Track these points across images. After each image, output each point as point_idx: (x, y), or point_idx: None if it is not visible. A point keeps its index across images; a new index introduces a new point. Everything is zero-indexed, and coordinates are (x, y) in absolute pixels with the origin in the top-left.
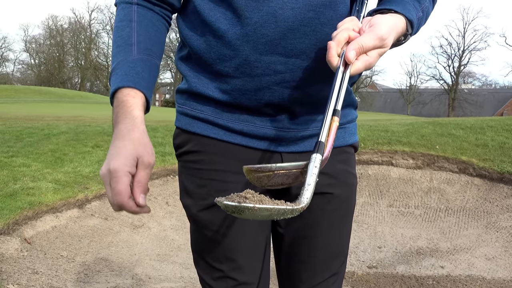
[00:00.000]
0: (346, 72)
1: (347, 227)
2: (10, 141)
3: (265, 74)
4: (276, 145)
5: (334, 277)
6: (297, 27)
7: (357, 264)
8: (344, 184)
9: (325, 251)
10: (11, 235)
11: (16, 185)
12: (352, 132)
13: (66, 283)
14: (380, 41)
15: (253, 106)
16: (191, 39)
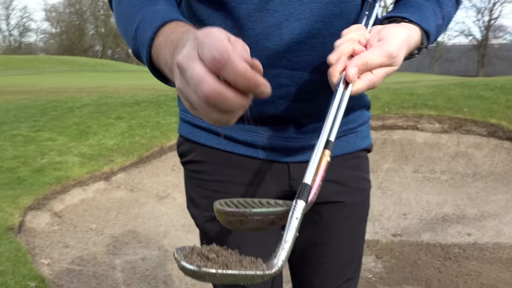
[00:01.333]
0: (346, 92)
1: (360, 232)
2: (35, 115)
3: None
4: (283, 156)
5: (348, 282)
6: (303, 39)
7: (381, 232)
8: (356, 190)
9: (337, 258)
10: (41, 210)
11: (44, 160)
12: (365, 135)
13: (96, 256)
14: (389, 59)
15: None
16: None
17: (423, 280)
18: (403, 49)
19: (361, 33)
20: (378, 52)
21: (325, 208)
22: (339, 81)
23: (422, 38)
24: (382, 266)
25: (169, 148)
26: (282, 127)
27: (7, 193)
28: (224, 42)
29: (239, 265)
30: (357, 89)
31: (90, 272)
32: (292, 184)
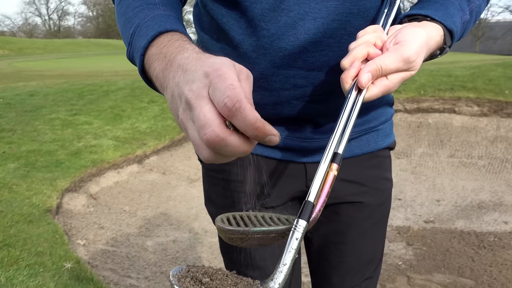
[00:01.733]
0: (359, 98)
1: (380, 233)
2: (73, 99)
3: (284, 89)
4: (299, 156)
5: (367, 281)
6: (319, 39)
7: (413, 218)
8: (376, 191)
9: (356, 258)
10: (78, 192)
11: (80, 143)
12: (387, 133)
13: (129, 237)
14: (406, 64)
15: (273, 118)
16: (207, 43)
17: (455, 268)
18: (422, 53)
19: (377, 35)
20: (394, 57)
21: (344, 208)
22: (351, 88)
23: (445, 37)
24: (413, 253)
25: None
26: (299, 128)
27: (45, 175)
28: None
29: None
30: (370, 95)
31: (123, 253)
32: (309, 185)
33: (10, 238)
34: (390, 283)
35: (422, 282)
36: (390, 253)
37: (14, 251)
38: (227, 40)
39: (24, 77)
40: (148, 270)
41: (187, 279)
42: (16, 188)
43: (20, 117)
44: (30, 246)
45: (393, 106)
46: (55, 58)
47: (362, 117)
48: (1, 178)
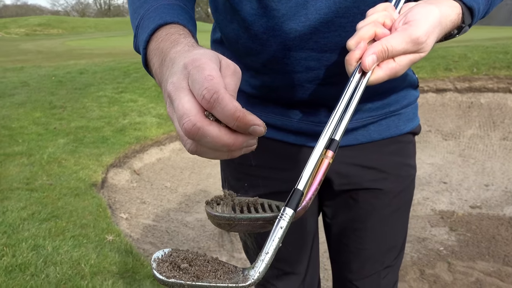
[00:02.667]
0: (362, 82)
1: (401, 220)
2: (119, 77)
3: (296, 71)
4: (313, 140)
5: (387, 269)
6: (331, 19)
7: (458, 203)
8: (397, 177)
9: (376, 245)
10: (122, 167)
11: (125, 120)
12: (410, 117)
13: (169, 213)
14: (414, 45)
15: (286, 102)
16: (220, 25)
17: (500, 257)
18: (434, 33)
19: (387, 13)
20: (402, 37)
21: (362, 194)
22: (354, 70)
23: (463, 16)
24: (456, 239)
25: None
26: (313, 111)
27: (92, 151)
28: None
29: (212, 275)
30: (375, 79)
31: (163, 227)
32: None
33: (57, 210)
34: (430, 268)
35: (464, 269)
36: (432, 238)
37: (61, 222)
38: (240, 21)
39: (75, 56)
40: (187, 245)
41: (165, 264)
42: (65, 162)
43: (70, 94)
44: (75, 218)
45: (418, 88)
46: (104, 37)
47: (382, 100)
48: (52, 153)
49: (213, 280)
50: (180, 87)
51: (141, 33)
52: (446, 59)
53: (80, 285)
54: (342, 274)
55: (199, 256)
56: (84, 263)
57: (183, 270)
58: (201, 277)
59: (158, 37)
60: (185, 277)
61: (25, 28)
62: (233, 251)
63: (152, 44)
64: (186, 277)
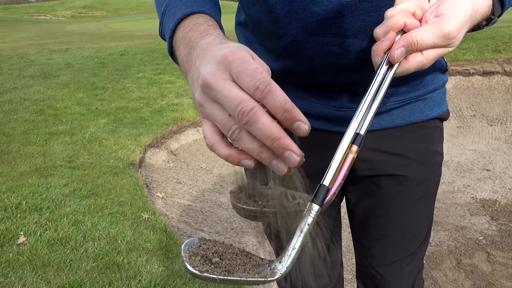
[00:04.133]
0: (389, 74)
1: (426, 208)
2: (158, 58)
3: (317, 56)
4: (335, 125)
5: (410, 257)
6: (355, 3)
7: (501, 191)
8: (422, 164)
9: (399, 233)
10: (159, 147)
11: (163, 102)
12: (436, 102)
13: (204, 193)
14: (444, 40)
15: (306, 86)
16: (244, 6)
17: None
18: (464, 27)
19: (418, 3)
20: (433, 31)
21: (385, 180)
22: (381, 62)
23: (494, 6)
24: (497, 229)
25: None
26: (335, 96)
27: (131, 131)
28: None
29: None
30: (401, 71)
31: (197, 207)
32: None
33: (97, 188)
34: (467, 258)
35: (504, 260)
36: (471, 226)
37: (100, 200)
38: (262, 3)
39: (117, 38)
40: (220, 226)
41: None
42: (105, 142)
43: (111, 75)
44: (113, 196)
45: (446, 72)
46: (145, 19)
47: (407, 84)
48: (93, 132)
49: (243, 274)
50: (222, 78)
51: (167, 21)
52: (495, 40)
53: (116, 260)
54: (365, 260)
55: (228, 249)
56: (120, 240)
57: (215, 264)
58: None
59: (185, 26)
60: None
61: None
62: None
63: (179, 32)
64: (218, 271)
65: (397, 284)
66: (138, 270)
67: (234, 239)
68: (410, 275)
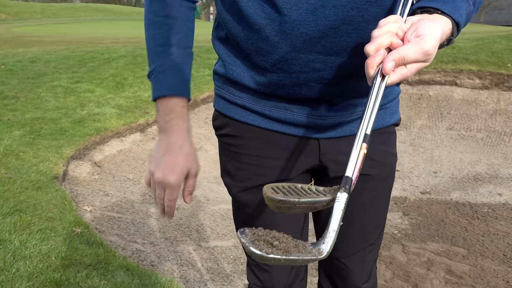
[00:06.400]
0: (382, 84)
1: (383, 203)
2: (74, 66)
3: (303, 72)
4: (314, 132)
5: (371, 247)
6: (338, 26)
7: (410, 189)
8: (383, 165)
9: (360, 226)
10: (83, 159)
11: (83, 111)
12: (394, 111)
13: (134, 204)
14: (424, 56)
15: (290, 97)
16: (229, 24)
17: (448, 238)
18: (437, 46)
19: (399, 25)
20: (416, 49)
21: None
22: (376, 74)
23: (453, 29)
24: (409, 223)
25: (202, 101)
26: (315, 106)
27: (51, 143)
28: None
29: (296, 250)
30: (390, 81)
31: (128, 219)
32: (322, 159)
33: (20, 204)
34: (386, 250)
35: (416, 250)
36: (387, 222)
37: (26, 216)
38: (250, 23)
39: (24, 43)
40: (153, 236)
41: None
42: (23, 155)
43: (22, 84)
44: (40, 211)
45: (399, 85)
46: (53, 23)
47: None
48: (8, 145)
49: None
50: (159, 187)
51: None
52: None
53: (53, 278)
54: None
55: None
56: (54, 256)
57: (275, 246)
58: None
59: (170, 105)
60: (279, 252)
61: None
62: (200, 240)
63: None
64: (279, 252)
65: (359, 272)
66: (79, 286)
67: (169, 248)
68: (369, 263)
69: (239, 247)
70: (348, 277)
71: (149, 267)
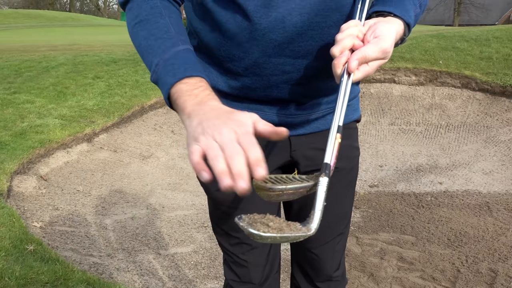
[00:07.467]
0: (349, 81)
1: (350, 194)
2: (10, 76)
3: (274, 74)
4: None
5: (340, 236)
6: (304, 31)
7: (359, 183)
8: (348, 158)
9: (330, 216)
10: (27, 174)
11: (24, 123)
12: (355, 108)
13: (86, 217)
14: (383, 54)
15: (262, 99)
16: (201, 33)
17: (398, 227)
18: (393, 44)
19: (359, 29)
20: (375, 48)
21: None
22: (343, 73)
23: (404, 30)
24: (360, 216)
25: (149, 107)
26: (284, 105)
27: None
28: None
29: (288, 228)
30: (355, 78)
31: (82, 233)
32: (293, 155)
33: None
34: None
35: (369, 241)
36: None
37: None
38: (222, 31)
39: None
40: (110, 248)
41: (257, 224)
42: None
43: None
44: None
45: (359, 84)
46: None
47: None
48: None
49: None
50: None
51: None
52: None
53: None
54: (301, 244)
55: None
56: (8, 277)
57: (271, 226)
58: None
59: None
60: (274, 231)
61: None
62: (159, 248)
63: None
64: (275, 231)
65: (330, 261)
66: None
67: (128, 259)
68: (339, 252)
69: (199, 252)
70: (320, 267)
71: (109, 279)
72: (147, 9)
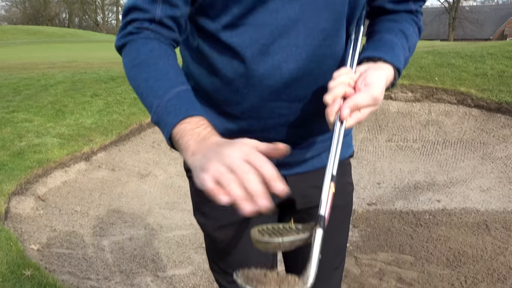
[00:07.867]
0: (341, 129)
1: (345, 229)
2: (8, 95)
3: (270, 117)
4: (281, 169)
5: (335, 271)
6: (300, 77)
7: (357, 202)
8: (342, 194)
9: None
10: (25, 194)
11: (22, 143)
12: (349, 144)
13: (84, 238)
14: (374, 101)
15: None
16: (198, 77)
17: (396, 246)
18: (383, 91)
19: (350, 76)
20: (366, 96)
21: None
22: (335, 120)
23: (394, 74)
24: (359, 235)
25: (147, 124)
26: None
27: None
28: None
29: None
30: (348, 125)
31: (79, 255)
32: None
33: None
34: None
35: (368, 261)
36: None
37: None
38: (219, 77)
39: None
40: (107, 270)
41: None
42: None
43: None
44: None
45: None
46: None
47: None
48: None
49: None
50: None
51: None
52: None
53: None
54: None
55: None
56: None
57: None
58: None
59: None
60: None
61: None
62: (157, 270)
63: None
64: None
65: None
66: None
67: (125, 282)
68: (336, 286)
69: (198, 274)
70: None
71: None
72: (145, 52)
